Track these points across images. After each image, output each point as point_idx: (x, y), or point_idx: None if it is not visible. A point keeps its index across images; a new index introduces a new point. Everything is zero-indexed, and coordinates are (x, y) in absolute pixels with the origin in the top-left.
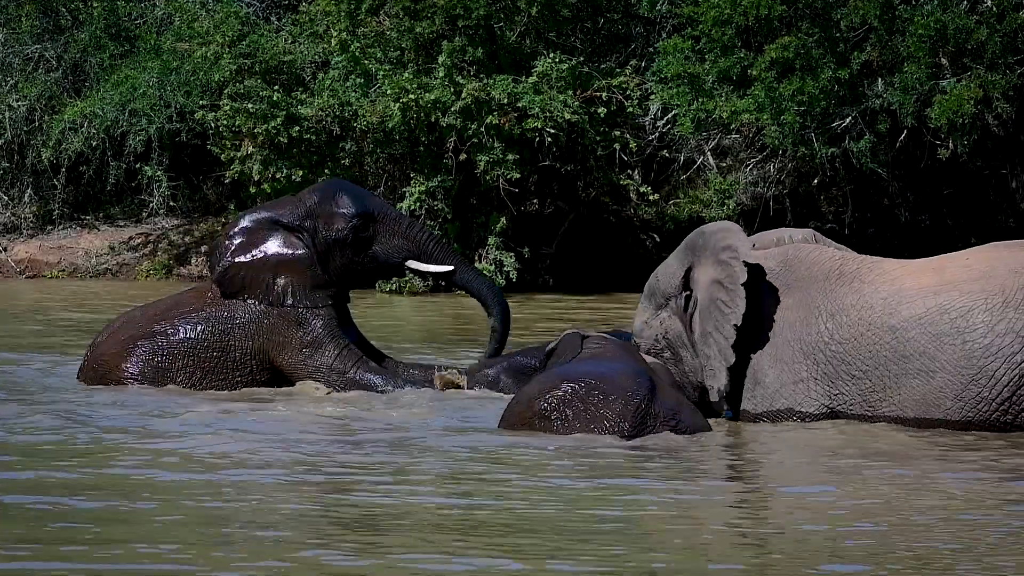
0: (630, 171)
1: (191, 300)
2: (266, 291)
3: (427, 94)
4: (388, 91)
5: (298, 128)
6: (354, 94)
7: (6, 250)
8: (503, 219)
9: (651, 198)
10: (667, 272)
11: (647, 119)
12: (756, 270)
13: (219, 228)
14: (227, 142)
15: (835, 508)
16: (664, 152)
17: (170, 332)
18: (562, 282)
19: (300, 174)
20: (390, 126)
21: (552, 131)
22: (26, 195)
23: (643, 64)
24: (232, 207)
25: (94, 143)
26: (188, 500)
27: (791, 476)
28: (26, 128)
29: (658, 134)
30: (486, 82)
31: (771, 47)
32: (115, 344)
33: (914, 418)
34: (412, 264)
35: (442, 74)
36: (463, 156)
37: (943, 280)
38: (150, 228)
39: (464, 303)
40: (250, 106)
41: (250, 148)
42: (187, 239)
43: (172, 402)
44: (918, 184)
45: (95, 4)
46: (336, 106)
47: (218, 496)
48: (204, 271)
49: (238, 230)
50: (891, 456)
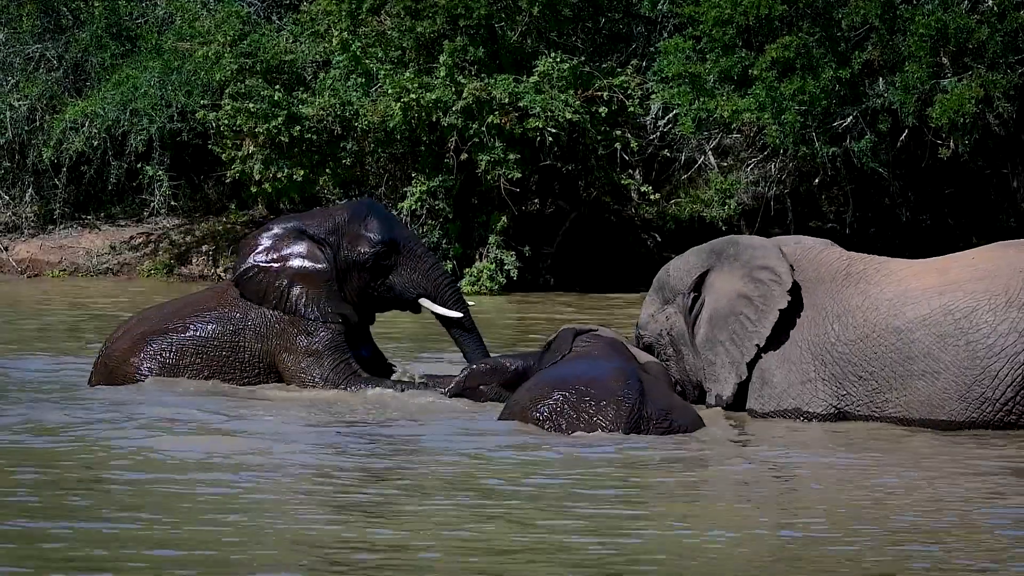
0: (631, 171)
1: (207, 300)
2: (280, 298)
3: (428, 94)
4: (389, 91)
5: (299, 128)
6: (355, 94)
7: (7, 250)
8: (504, 218)
9: (652, 198)
10: (681, 269)
11: (648, 119)
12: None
13: (220, 228)
14: (228, 142)
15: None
16: (665, 152)
17: (181, 330)
18: (563, 281)
19: (301, 174)
20: (391, 126)
21: (553, 131)
22: (27, 195)
23: (644, 64)
24: (233, 207)
25: (95, 143)
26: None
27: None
28: (27, 128)
29: (659, 134)
30: (487, 82)
31: (772, 47)
32: (127, 341)
33: (919, 419)
34: (425, 303)
35: (443, 74)
36: (464, 156)
37: (948, 280)
38: (151, 228)
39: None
40: (251, 106)
41: (251, 148)
42: (188, 239)
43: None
44: (919, 184)
45: (96, 4)
46: (337, 106)
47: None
48: (205, 270)
49: (266, 235)
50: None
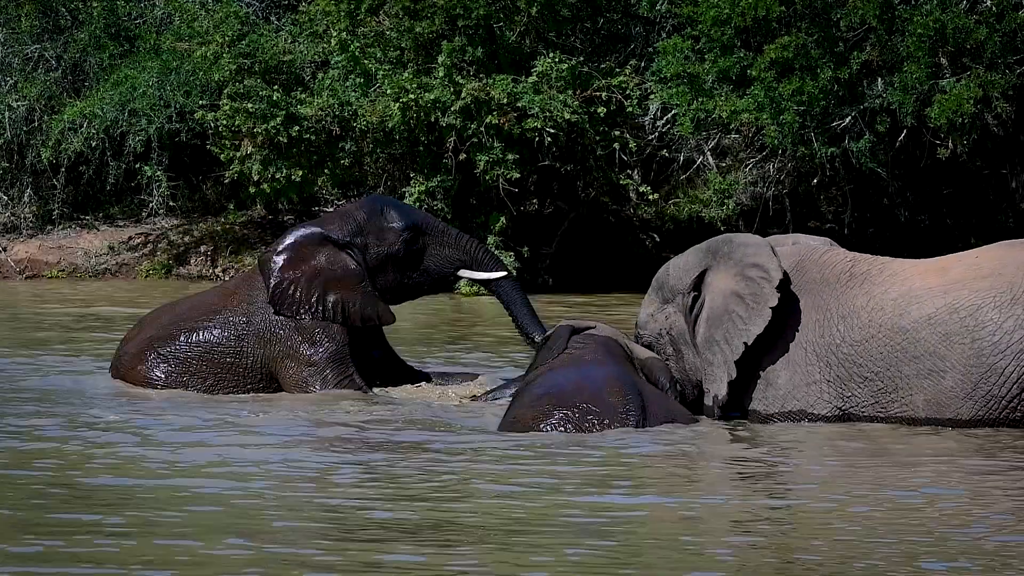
0: (630, 171)
1: (213, 302)
2: (317, 308)
3: (427, 94)
4: (388, 91)
5: (298, 128)
6: (354, 94)
7: (6, 250)
8: (503, 219)
9: (651, 198)
10: (680, 268)
11: (647, 119)
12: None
13: (218, 228)
14: (227, 142)
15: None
16: (664, 152)
17: (187, 334)
18: (562, 282)
19: (300, 174)
20: (390, 126)
21: (552, 131)
22: (26, 195)
23: (643, 64)
24: (232, 207)
25: (94, 143)
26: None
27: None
28: (26, 128)
29: (658, 134)
30: (486, 82)
31: (770, 47)
32: (138, 343)
33: (925, 418)
34: (465, 273)
35: (442, 74)
36: (463, 156)
37: (952, 279)
38: (150, 228)
39: (463, 305)
40: (250, 106)
41: (250, 148)
42: (187, 239)
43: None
44: (918, 184)
45: (95, 4)
46: (336, 106)
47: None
48: (203, 271)
49: (288, 247)
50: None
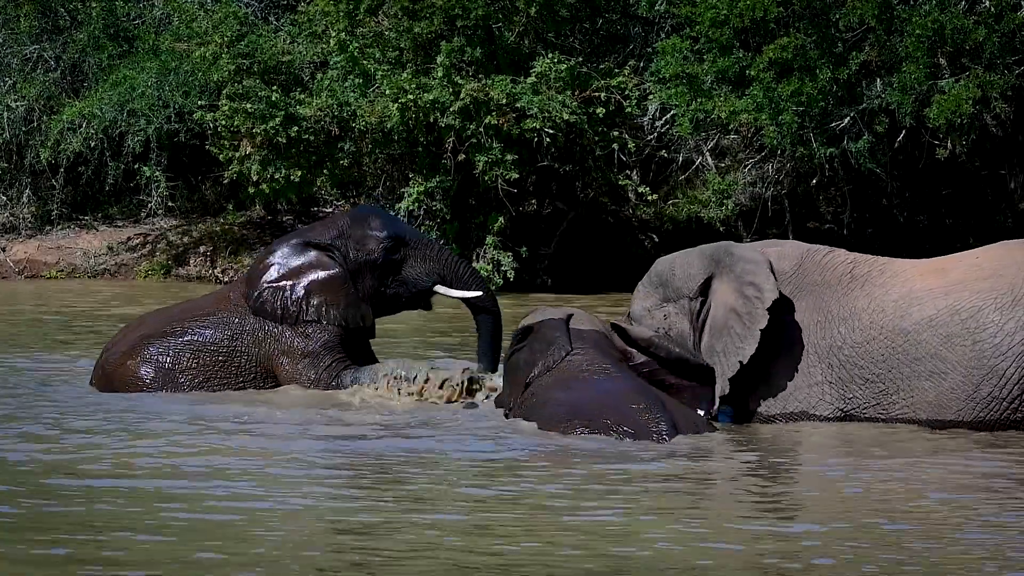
0: (628, 171)
1: (207, 304)
2: (301, 311)
3: (426, 94)
4: (387, 91)
5: (297, 128)
6: (353, 94)
7: (4, 250)
8: (501, 219)
9: (650, 198)
10: (686, 271)
11: (645, 119)
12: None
13: (217, 228)
14: (226, 142)
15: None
16: (663, 152)
17: (179, 334)
18: (560, 282)
19: (299, 174)
20: (389, 126)
21: (551, 131)
22: (24, 195)
23: (641, 64)
24: (230, 207)
25: (92, 143)
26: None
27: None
28: (24, 128)
29: (656, 134)
30: (485, 82)
31: (769, 47)
32: (126, 344)
33: (927, 419)
34: (441, 288)
35: (441, 74)
36: (462, 156)
37: (953, 281)
38: (148, 228)
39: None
40: (248, 106)
41: (248, 148)
42: (186, 239)
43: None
44: (916, 184)
45: (93, 4)
46: (335, 106)
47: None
48: (202, 271)
49: (272, 255)
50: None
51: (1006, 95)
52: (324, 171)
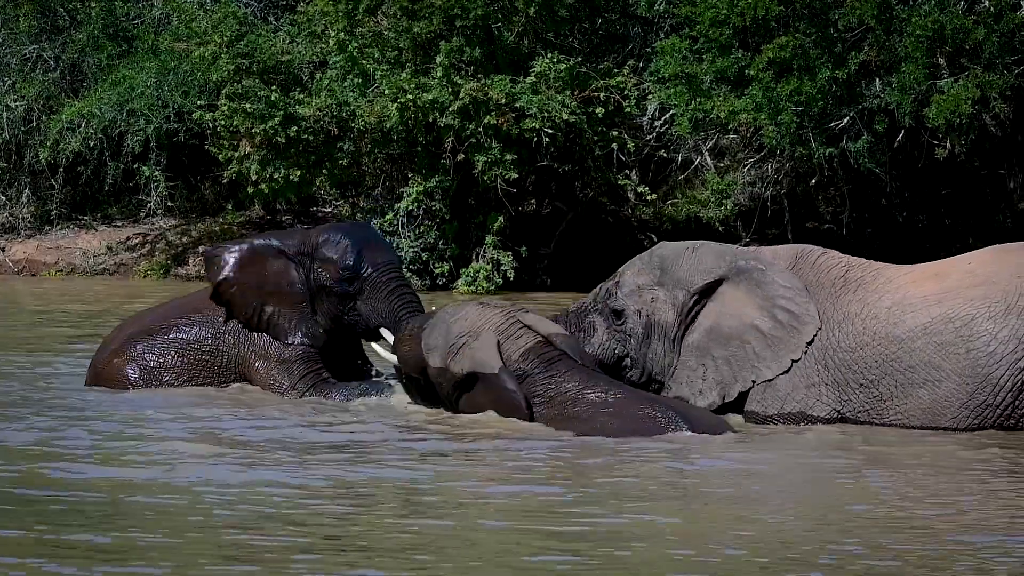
0: (628, 171)
1: (194, 303)
2: (253, 315)
3: (425, 94)
4: (386, 91)
5: (296, 128)
6: (352, 94)
7: (4, 250)
8: (501, 219)
9: (649, 198)
10: (694, 265)
11: (645, 119)
12: None
13: (217, 228)
14: (225, 142)
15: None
16: (662, 152)
17: (164, 332)
18: (560, 282)
19: (298, 174)
20: (388, 126)
21: (550, 131)
22: (24, 195)
23: (641, 64)
24: (230, 207)
25: (92, 143)
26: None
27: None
28: (24, 128)
29: (656, 134)
30: (484, 82)
31: (768, 47)
32: (115, 343)
33: (920, 425)
34: (385, 333)
35: (440, 74)
36: (461, 156)
37: (946, 288)
38: (148, 228)
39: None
40: (248, 106)
41: (248, 148)
42: (185, 239)
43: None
44: (916, 184)
45: (93, 4)
46: (334, 106)
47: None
48: (201, 271)
49: (242, 248)
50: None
51: (1005, 95)
52: (323, 171)
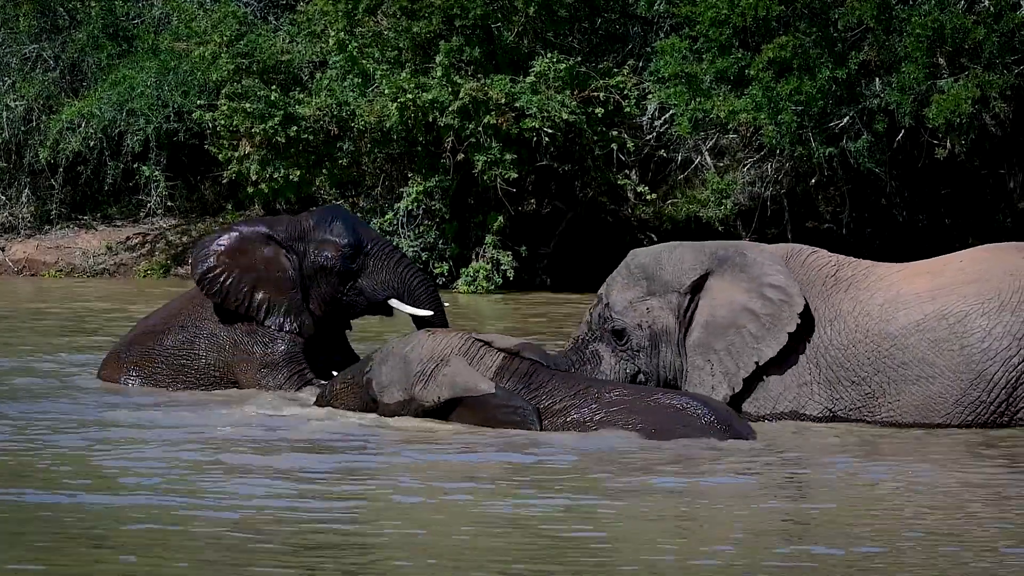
0: (627, 171)
1: (180, 307)
2: (242, 302)
3: (425, 94)
4: (386, 91)
5: (296, 128)
6: (352, 94)
7: (3, 250)
8: (501, 219)
9: (648, 198)
10: (677, 265)
11: (645, 119)
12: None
13: (216, 228)
14: (225, 142)
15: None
16: (662, 152)
17: (152, 339)
18: (559, 282)
19: (298, 174)
20: (388, 126)
21: (550, 131)
22: (23, 195)
23: (640, 64)
24: (230, 207)
25: (92, 143)
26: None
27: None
28: (24, 128)
29: (655, 134)
30: (484, 82)
31: (768, 47)
32: (120, 345)
33: (913, 422)
34: (395, 303)
35: (440, 74)
36: (461, 156)
37: (939, 285)
38: (148, 228)
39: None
40: (248, 106)
41: (248, 148)
42: (185, 239)
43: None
44: (916, 184)
45: (93, 4)
46: (334, 106)
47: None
48: None
49: (232, 235)
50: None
51: (1005, 95)
52: (323, 171)
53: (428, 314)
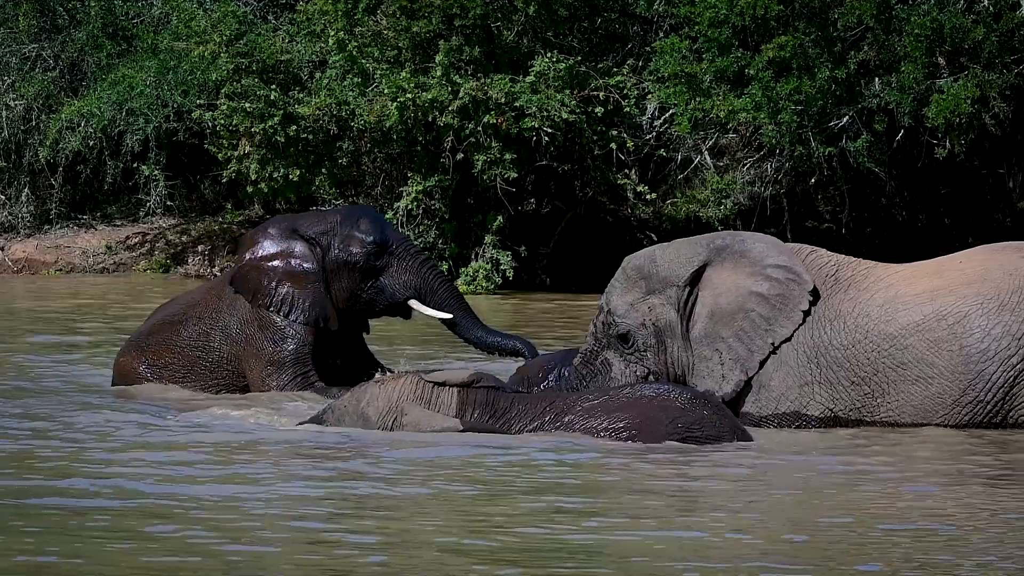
0: (627, 170)
1: (196, 300)
2: (268, 296)
3: (424, 93)
4: (385, 90)
5: (295, 127)
6: (351, 93)
7: (3, 249)
8: (500, 218)
9: (648, 197)
10: (672, 260)
11: (644, 118)
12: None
13: (216, 228)
14: (224, 141)
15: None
16: (661, 151)
17: (168, 331)
18: (559, 281)
19: (297, 174)
20: (387, 125)
21: (549, 130)
22: (23, 194)
23: (640, 63)
24: (229, 206)
25: (91, 142)
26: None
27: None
28: (23, 127)
29: (655, 133)
30: (483, 81)
31: (768, 46)
32: (139, 332)
33: (912, 423)
34: (415, 304)
35: (439, 73)
36: (460, 155)
37: (938, 285)
38: (147, 227)
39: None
40: (247, 105)
41: (247, 147)
42: (184, 238)
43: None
44: (915, 183)
45: (92, 3)
46: (333, 105)
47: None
48: (201, 270)
49: (262, 234)
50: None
51: (1004, 94)
52: (323, 170)
53: (447, 317)
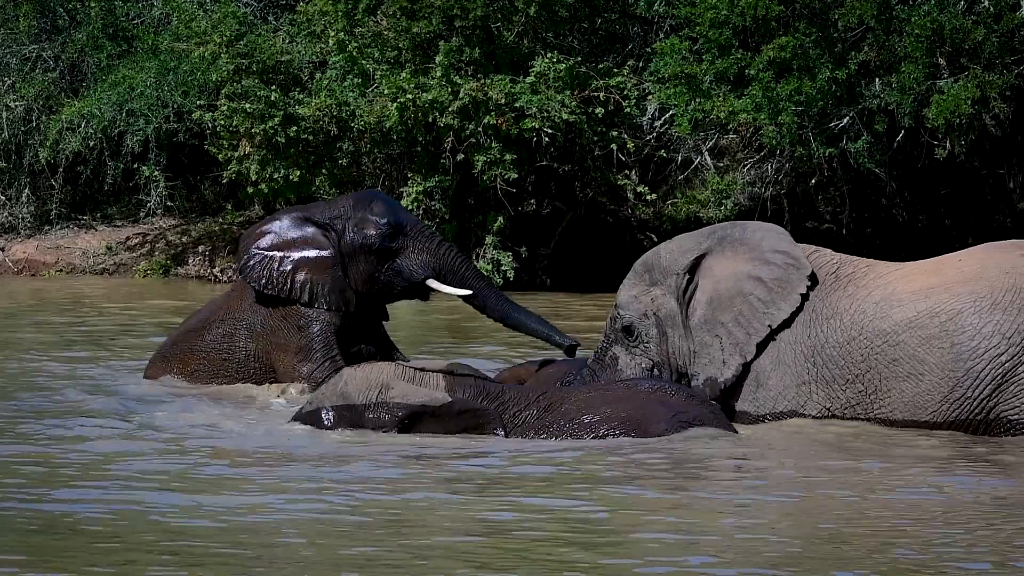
0: (627, 171)
1: (219, 303)
2: (284, 284)
3: (424, 94)
4: (386, 91)
5: (296, 128)
6: (351, 94)
7: (3, 250)
8: (500, 219)
9: (648, 198)
10: (674, 251)
11: (645, 119)
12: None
13: (216, 228)
14: (224, 142)
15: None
16: (662, 152)
17: (194, 337)
18: (560, 282)
19: (297, 174)
20: (388, 126)
21: (550, 131)
22: (23, 195)
23: (640, 64)
24: (229, 207)
25: (91, 143)
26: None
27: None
28: (23, 128)
29: (655, 134)
30: (483, 82)
31: (768, 47)
32: (165, 344)
33: (903, 419)
34: (433, 283)
35: (439, 74)
36: (460, 156)
37: (934, 283)
38: (147, 228)
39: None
40: (247, 106)
41: (247, 148)
42: (184, 239)
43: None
44: (915, 184)
45: (92, 4)
46: (333, 106)
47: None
48: (201, 271)
49: (270, 223)
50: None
51: (1005, 95)
52: (323, 171)
53: (467, 293)
